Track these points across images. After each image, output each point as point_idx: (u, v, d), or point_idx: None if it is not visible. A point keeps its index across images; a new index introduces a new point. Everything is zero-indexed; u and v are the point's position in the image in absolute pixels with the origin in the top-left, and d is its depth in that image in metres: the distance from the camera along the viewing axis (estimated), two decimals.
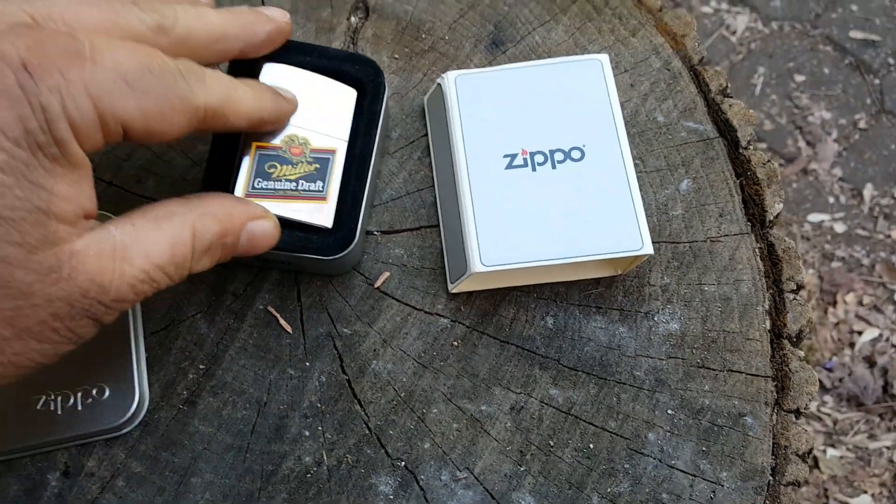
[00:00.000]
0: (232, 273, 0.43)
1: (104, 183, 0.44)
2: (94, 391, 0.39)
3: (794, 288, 0.43)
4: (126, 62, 0.29)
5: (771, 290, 0.43)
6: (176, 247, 0.31)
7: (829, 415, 1.10)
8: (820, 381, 1.11)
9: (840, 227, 1.20)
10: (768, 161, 0.45)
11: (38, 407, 0.39)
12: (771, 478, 0.40)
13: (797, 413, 0.40)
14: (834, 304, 1.15)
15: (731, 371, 0.41)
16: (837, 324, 1.14)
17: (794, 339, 0.42)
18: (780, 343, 0.42)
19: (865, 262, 1.18)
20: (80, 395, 0.39)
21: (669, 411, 0.41)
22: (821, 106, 1.27)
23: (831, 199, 1.22)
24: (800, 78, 1.29)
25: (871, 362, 1.12)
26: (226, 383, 0.41)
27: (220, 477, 0.39)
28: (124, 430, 0.39)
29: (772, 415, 0.41)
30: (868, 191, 1.22)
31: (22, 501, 0.38)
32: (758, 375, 0.41)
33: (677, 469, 0.40)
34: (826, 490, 1.05)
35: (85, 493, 0.38)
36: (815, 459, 1.07)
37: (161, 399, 0.40)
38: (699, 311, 0.43)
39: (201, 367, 0.41)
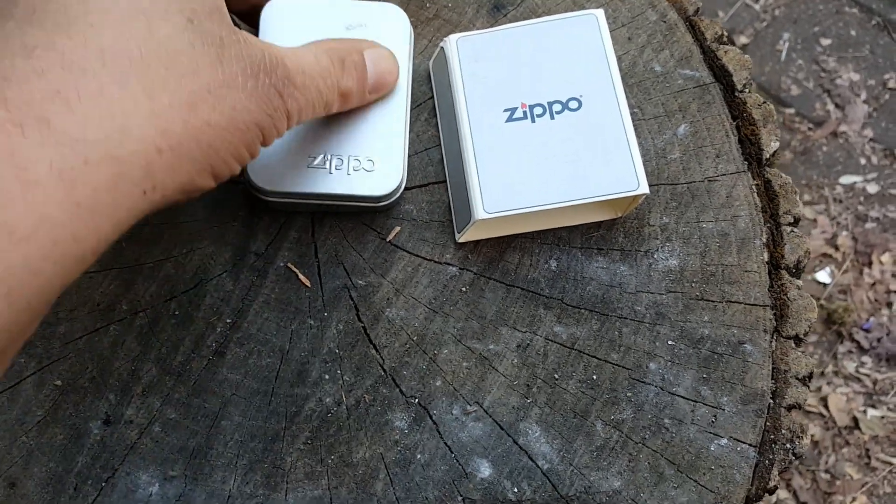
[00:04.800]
0: (254, 234, 0.46)
1: None
2: (364, 161, 0.43)
3: (792, 221, 0.44)
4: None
5: (768, 224, 0.44)
6: (318, 57, 0.35)
7: (867, 375, 1.08)
8: (858, 343, 1.10)
9: (873, 188, 1.18)
10: (763, 103, 0.46)
11: (312, 165, 0.42)
12: (771, 401, 0.41)
13: (796, 339, 0.42)
14: (869, 264, 1.14)
15: (730, 302, 0.43)
16: (873, 284, 1.12)
17: (793, 270, 0.43)
18: (779, 274, 0.43)
19: None
20: (350, 160, 0.43)
21: (670, 342, 0.42)
22: (848, 68, 1.25)
23: (863, 161, 1.20)
24: (826, 41, 1.28)
25: None
26: (251, 335, 0.43)
27: (248, 419, 0.42)
28: (381, 204, 0.43)
29: (771, 341, 0.42)
30: None
31: (68, 449, 0.42)
32: (756, 305, 0.43)
33: (678, 395, 0.41)
34: (868, 450, 1.04)
35: (125, 438, 0.42)
36: (856, 420, 1.06)
37: (192, 351, 0.43)
38: (697, 247, 0.44)
39: (228, 320, 0.44)
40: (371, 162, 0.42)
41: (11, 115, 0.25)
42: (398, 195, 0.44)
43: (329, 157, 0.42)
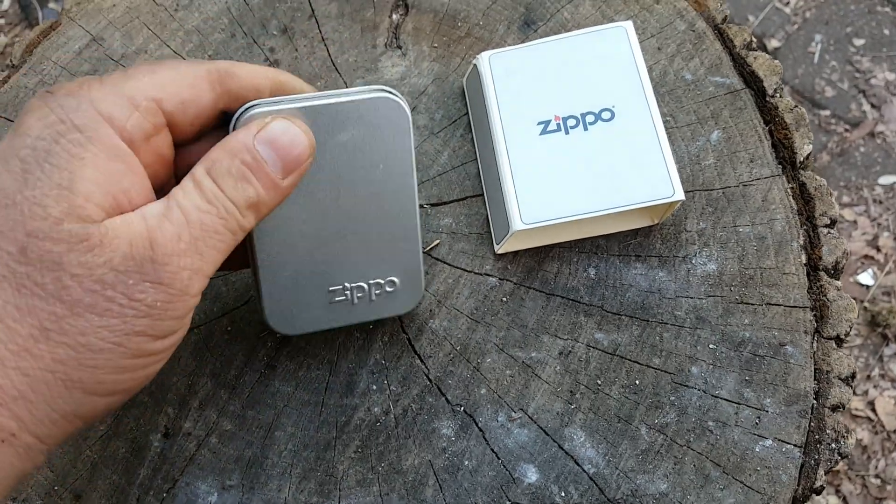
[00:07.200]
0: None
1: None
2: (385, 284, 0.41)
3: (828, 223, 0.44)
4: (141, 67, 0.32)
5: (805, 226, 0.45)
6: (201, 188, 0.32)
7: None
8: None
9: None
10: (795, 106, 0.47)
11: (334, 300, 0.40)
12: (814, 401, 0.41)
13: (837, 340, 0.42)
14: None
15: (770, 304, 0.43)
16: None
17: (831, 271, 0.43)
18: (817, 275, 0.43)
19: None
20: (372, 287, 0.41)
21: (711, 346, 0.43)
22: (883, 67, 1.24)
23: None
24: (859, 41, 1.27)
25: None
26: (300, 348, 0.45)
27: (301, 429, 0.43)
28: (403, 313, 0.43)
29: (812, 342, 0.42)
30: None
31: (130, 461, 0.43)
32: (796, 307, 0.43)
33: (722, 398, 0.42)
34: None
35: (184, 450, 0.43)
36: None
37: (245, 365, 0.45)
38: (735, 252, 0.45)
39: (278, 335, 0.45)
40: (393, 282, 0.41)
41: None
42: (418, 302, 0.43)
43: (350, 289, 0.40)
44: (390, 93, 0.36)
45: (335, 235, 0.39)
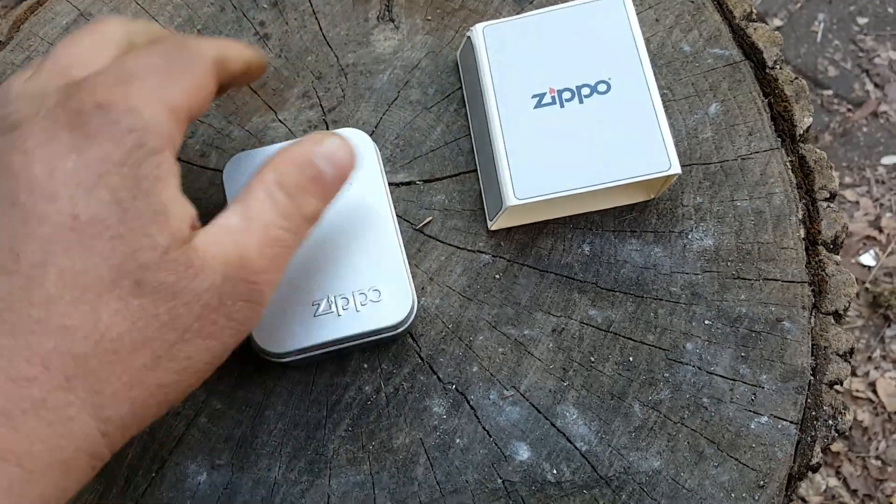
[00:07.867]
0: None
1: None
2: (370, 293, 0.40)
3: (828, 196, 0.43)
4: (156, 63, 0.31)
5: (804, 200, 0.44)
6: (275, 201, 0.32)
7: None
8: None
9: None
10: (796, 78, 0.46)
11: (319, 313, 0.40)
12: (812, 377, 0.40)
13: (836, 315, 0.41)
14: None
15: (767, 279, 0.42)
16: None
17: (831, 245, 0.42)
18: (816, 250, 0.43)
19: None
20: (356, 296, 0.40)
21: (706, 322, 0.42)
22: (887, 46, 1.22)
23: None
24: (862, 20, 1.25)
25: None
26: None
27: (291, 408, 0.43)
28: (399, 330, 0.41)
29: (810, 318, 0.41)
30: None
31: None
32: (794, 282, 0.42)
33: (717, 374, 0.41)
34: None
35: (173, 430, 0.43)
36: None
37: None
38: (732, 226, 0.44)
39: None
40: (377, 292, 0.40)
41: None
42: (413, 315, 0.42)
43: (333, 300, 0.40)
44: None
45: (315, 250, 0.41)
